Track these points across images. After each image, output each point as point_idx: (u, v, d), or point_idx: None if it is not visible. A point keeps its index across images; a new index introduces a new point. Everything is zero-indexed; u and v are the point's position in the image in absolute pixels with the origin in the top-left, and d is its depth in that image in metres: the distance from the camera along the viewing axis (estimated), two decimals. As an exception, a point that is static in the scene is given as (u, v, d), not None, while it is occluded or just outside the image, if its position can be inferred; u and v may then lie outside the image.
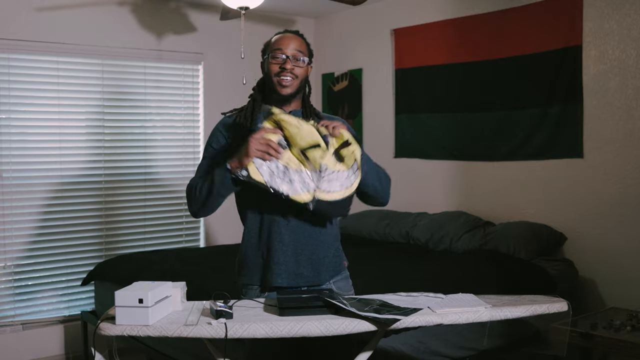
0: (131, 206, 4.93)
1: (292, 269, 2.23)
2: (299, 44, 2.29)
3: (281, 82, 2.24)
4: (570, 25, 3.96)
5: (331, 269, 2.31)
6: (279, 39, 2.30)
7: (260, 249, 2.26)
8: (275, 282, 2.22)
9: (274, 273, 2.22)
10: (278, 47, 2.27)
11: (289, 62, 2.24)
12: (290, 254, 2.23)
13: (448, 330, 3.16)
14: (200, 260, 4.08)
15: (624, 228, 3.77)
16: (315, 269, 2.26)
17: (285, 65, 2.24)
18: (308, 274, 2.24)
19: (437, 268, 3.72)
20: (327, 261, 2.29)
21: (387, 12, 5.13)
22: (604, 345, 3.01)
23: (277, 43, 2.29)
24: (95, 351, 2.09)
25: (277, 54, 2.26)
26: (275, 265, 2.22)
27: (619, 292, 3.79)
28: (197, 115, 5.21)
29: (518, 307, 2.07)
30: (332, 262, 2.31)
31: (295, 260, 2.23)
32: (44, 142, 4.56)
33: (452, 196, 4.68)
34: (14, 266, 4.45)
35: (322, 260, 2.28)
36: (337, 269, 2.34)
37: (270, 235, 2.24)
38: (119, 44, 4.79)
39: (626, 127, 3.76)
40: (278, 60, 2.25)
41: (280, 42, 2.28)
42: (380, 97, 5.21)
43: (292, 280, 2.23)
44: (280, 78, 2.25)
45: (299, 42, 2.30)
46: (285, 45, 2.26)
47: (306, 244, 2.25)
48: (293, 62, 2.25)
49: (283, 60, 2.24)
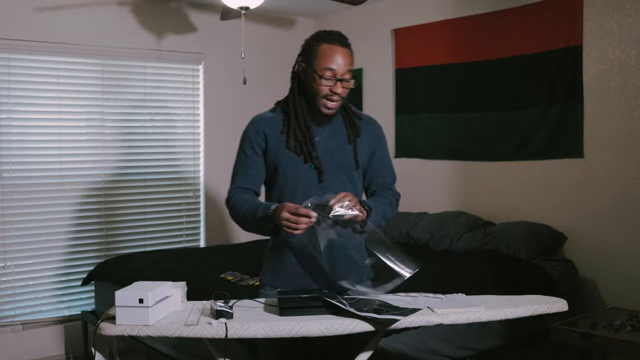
0: (131, 206, 4.93)
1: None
2: (349, 61, 2.14)
3: (327, 105, 2.14)
4: (570, 25, 3.96)
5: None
6: (330, 55, 2.11)
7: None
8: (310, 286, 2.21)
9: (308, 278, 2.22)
10: (329, 66, 2.11)
11: (340, 86, 2.11)
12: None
13: (448, 330, 3.16)
14: (200, 260, 4.08)
15: (624, 228, 3.77)
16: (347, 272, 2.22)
17: (335, 89, 2.11)
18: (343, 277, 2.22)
19: (437, 268, 3.71)
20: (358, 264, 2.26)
21: (387, 12, 5.13)
22: (604, 345, 3.01)
23: (328, 60, 2.11)
24: (96, 351, 2.10)
25: (327, 74, 2.11)
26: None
27: (619, 292, 3.79)
28: (197, 115, 5.21)
29: (518, 307, 2.07)
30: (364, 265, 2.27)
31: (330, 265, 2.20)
32: (44, 142, 4.56)
33: (452, 196, 4.68)
34: (14, 266, 4.45)
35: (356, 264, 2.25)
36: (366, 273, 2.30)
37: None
38: (119, 44, 4.79)
39: (626, 127, 3.76)
40: (328, 83, 2.11)
41: (333, 60, 2.10)
42: (380, 97, 5.21)
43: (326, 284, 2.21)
44: (327, 101, 2.13)
45: (349, 58, 2.15)
46: (337, 65, 2.10)
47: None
48: (343, 83, 2.12)
49: (334, 83, 2.11)
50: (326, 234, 2.07)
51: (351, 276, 2.23)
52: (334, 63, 2.11)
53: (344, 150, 2.24)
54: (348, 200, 2.02)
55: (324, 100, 2.14)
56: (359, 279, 2.26)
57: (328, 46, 2.14)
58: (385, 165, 2.36)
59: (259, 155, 2.25)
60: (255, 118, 2.30)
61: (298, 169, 2.20)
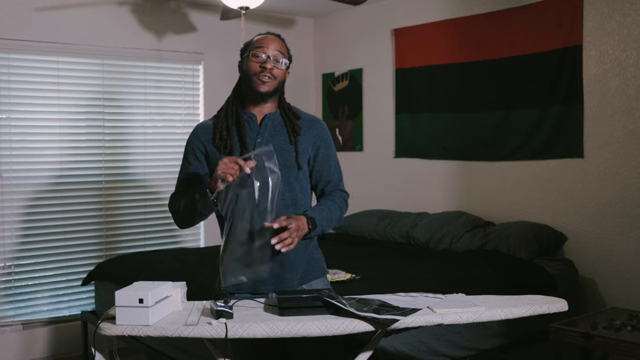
0: (131, 206, 4.93)
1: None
2: (280, 45, 2.29)
3: (262, 79, 2.24)
4: (570, 25, 3.96)
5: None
6: (261, 39, 2.29)
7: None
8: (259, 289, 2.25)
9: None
10: (260, 45, 2.27)
11: (269, 62, 2.24)
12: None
13: (448, 330, 3.16)
14: (200, 260, 4.08)
15: (624, 228, 3.77)
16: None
17: (265, 64, 2.24)
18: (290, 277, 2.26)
19: (437, 268, 3.72)
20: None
21: (387, 12, 5.13)
22: (604, 345, 3.01)
23: (258, 42, 2.28)
24: (96, 351, 2.09)
25: (258, 52, 2.26)
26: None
27: (619, 292, 3.80)
28: (197, 115, 5.21)
29: (518, 307, 2.07)
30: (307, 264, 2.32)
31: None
32: (44, 142, 4.56)
33: (452, 196, 4.68)
34: (13, 266, 4.45)
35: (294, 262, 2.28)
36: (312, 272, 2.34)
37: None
38: (119, 44, 4.79)
39: (626, 127, 3.76)
40: (259, 59, 2.25)
41: (262, 42, 2.28)
42: (380, 97, 5.21)
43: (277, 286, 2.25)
44: (259, 76, 2.25)
45: (280, 44, 2.30)
46: (267, 45, 2.26)
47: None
48: (273, 62, 2.25)
49: (264, 59, 2.24)
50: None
51: (299, 274, 2.27)
52: (264, 44, 2.27)
53: (286, 150, 2.28)
54: (287, 235, 2.11)
55: (257, 77, 2.25)
56: (309, 275, 2.31)
57: (262, 35, 2.32)
58: (330, 164, 2.39)
59: (200, 161, 2.33)
60: (197, 125, 2.39)
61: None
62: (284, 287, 2.26)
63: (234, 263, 2.20)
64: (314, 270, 2.34)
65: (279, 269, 2.25)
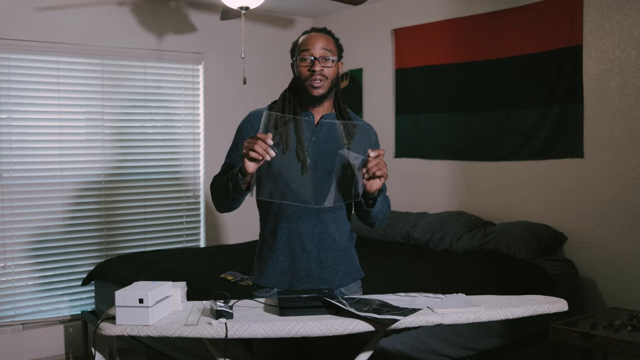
0: (131, 206, 4.93)
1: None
2: (326, 42, 2.22)
3: (313, 84, 2.19)
4: (570, 25, 3.96)
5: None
6: (305, 40, 2.22)
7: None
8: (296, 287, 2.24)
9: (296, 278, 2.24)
10: (305, 47, 2.20)
11: (318, 64, 2.18)
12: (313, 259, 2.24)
13: (448, 330, 3.16)
14: (200, 260, 4.09)
15: (624, 228, 3.77)
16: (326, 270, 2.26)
17: (314, 67, 2.18)
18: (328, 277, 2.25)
19: (437, 268, 3.72)
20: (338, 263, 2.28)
21: (387, 12, 5.13)
22: (604, 345, 3.01)
23: (304, 44, 2.21)
24: (96, 351, 2.10)
25: (304, 55, 2.20)
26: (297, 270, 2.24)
27: (619, 292, 3.80)
28: (197, 115, 5.21)
29: (518, 307, 2.07)
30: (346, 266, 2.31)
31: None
32: (44, 142, 4.56)
33: (452, 196, 4.68)
34: (14, 266, 4.45)
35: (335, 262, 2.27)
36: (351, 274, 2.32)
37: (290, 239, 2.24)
38: (119, 44, 4.79)
39: (626, 127, 3.76)
40: (306, 63, 2.19)
41: (307, 43, 2.21)
42: (380, 97, 5.21)
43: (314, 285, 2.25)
44: (310, 81, 2.19)
45: (326, 40, 2.23)
46: (312, 46, 2.19)
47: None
48: (322, 62, 2.19)
49: (311, 62, 2.19)
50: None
51: (339, 275, 2.27)
52: (310, 44, 2.21)
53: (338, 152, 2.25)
54: (384, 165, 2.08)
55: (308, 82, 2.21)
56: (348, 277, 2.30)
57: (306, 35, 2.26)
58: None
59: None
60: (251, 113, 2.35)
61: (284, 161, 2.22)
62: (321, 287, 2.23)
63: (276, 261, 2.23)
64: (352, 272, 2.32)
65: (318, 268, 2.24)
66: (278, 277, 2.25)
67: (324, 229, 2.23)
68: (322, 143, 2.24)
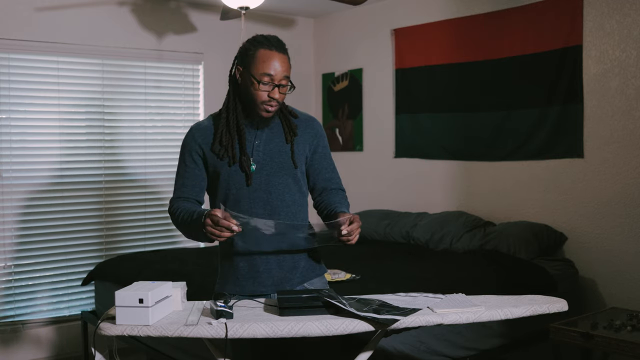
0: (131, 206, 4.93)
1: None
2: (287, 67, 2.17)
3: (267, 109, 2.17)
4: (570, 25, 3.96)
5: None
6: (268, 60, 2.13)
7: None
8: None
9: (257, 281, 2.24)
10: (267, 72, 2.13)
11: (277, 92, 2.15)
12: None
13: (448, 330, 3.16)
14: (200, 260, 4.08)
15: (624, 228, 3.77)
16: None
17: (273, 94, 2.14)
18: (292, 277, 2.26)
19: (437, 268, 3.72)
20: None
21: (387, 12, 5.13)
22: (604, 345, 3.01)
23: (266, 66, 2.13)
24: (96, 351, 2.10)
25: (265, 79, 2.14)
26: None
27: (619, 292, 3.80)
28: (197, 115, 5.21)
29: (518, 307, 2.07)
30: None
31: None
32: (44, 142, 4.56)
33: (452, 196, 4.68)
34: (13, 266, 4.45)
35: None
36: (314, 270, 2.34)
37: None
38: (119, 44, 4.79)
39: (626, 127, 3.76)
40: (266, 88, 2.14)
41: (270, 67, 2.13)
42: (380, 97, 5.21)
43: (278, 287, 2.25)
44: (265, 106, 2.16)
45: (287, 64, 2.18)
46: (275, 71, 2.13)
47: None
48: (281, 90, 2.16)
49: (272, 87, 2.14)
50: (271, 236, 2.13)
51: (299, 272, 2.27)
52: (272, 69, 2.14)
53: (284, 151, 2.26)
54: (356, 229, 2.10)
55: (263, 105, 2.17)
56: (311, 273, 2.30)
57: (266, 52, 2.16)
58: (329, 162, 2.37)
59: (197, 164, 2.26)
60: (193, 127, 2.31)
61: (234, 174, 2.22)
62: (284, 287, 2.26)
63: (237, 268, 2.23)
64: (314, 268, 2.33)
65: (278, 269, 2.25)
66: (240, 283, 2.26)
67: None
68: (265, 145, 2.24)
